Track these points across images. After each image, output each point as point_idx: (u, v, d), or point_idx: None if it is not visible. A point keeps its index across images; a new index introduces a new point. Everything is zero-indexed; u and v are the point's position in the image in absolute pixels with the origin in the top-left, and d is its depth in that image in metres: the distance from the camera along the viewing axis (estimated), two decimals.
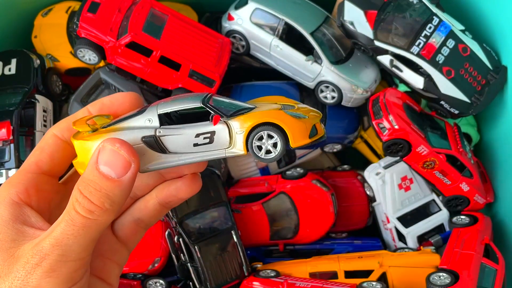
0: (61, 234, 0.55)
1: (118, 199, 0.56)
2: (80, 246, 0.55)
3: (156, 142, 0.62)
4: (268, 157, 0.65)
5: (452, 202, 1.68)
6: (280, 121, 0.63)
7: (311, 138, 0.65)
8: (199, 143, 0.63)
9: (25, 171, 0.63)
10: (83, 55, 1.63)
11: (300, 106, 0.69)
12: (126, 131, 0.62)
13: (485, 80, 1.59)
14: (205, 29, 1.68)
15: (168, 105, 0.64)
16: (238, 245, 1.53)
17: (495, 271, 1.42)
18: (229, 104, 0.66)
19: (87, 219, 0.55)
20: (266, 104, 0.69)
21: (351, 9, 1.59)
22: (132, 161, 0.56)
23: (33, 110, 1.58)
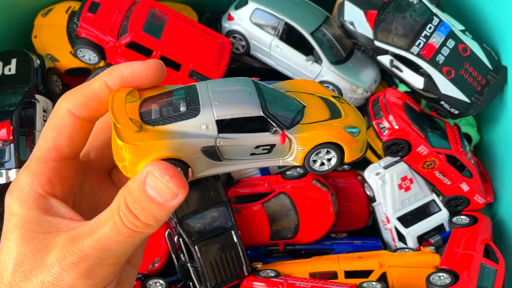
0: (105, 239, 0.54)
1: (163, 218, 0.55)
2: (121, 252, 0.55)
3: (214, 151, 0.60)
4: (321, 169, 0.67)
5: (452, 202, 1.68)
6: (342, 142, 0.64)
7: (361, 152, 0.67)
8: (257, 153, 0.62)
9: (45, 158, 0.59)
10: (83, 55, 1.63)
11: (341, 103, 0.69)
12: (185, 141, 0.58)
13: (485, 80, 1.59)
14: (205, 29, 1.68)
15: (226, 109, 0.59)
16: (238, 245, 1.53)
17: (495, 271, 1.42)
18: (278, 99, 0.64)
19: (132, 231, 0.54)
20: (313, 102, 0.67)
21: (351, 9, 1.59)
22: (180, 192, 0.53)
23: (33, 110, 1.58)
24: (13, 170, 1.45)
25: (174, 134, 0.58)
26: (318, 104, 0.67)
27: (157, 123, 0.58)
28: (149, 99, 0.61)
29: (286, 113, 0.63)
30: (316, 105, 0.67)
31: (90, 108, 0.60)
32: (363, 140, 0.67)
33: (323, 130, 0.64)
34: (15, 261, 0.55)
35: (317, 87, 0.72)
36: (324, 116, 0.66)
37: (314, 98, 0.68)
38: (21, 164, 1.47)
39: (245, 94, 0.62)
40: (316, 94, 0.69)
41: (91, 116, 0.61)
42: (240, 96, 0.61)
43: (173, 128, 0.58)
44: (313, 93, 0.69)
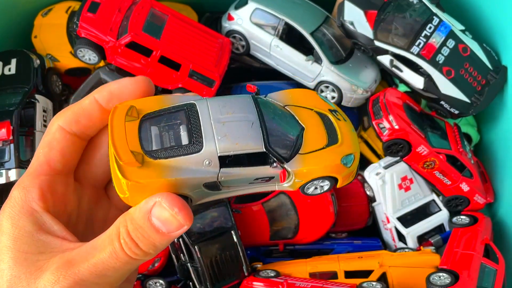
0: (102, 264, 0.54)
1: (162, 247, 0.56)
2: (117, 277, 0.56)
3: (215, 185, 0.61)
4: (313, 192, 0.69)
5: (452, 202, 1.68)
6: (338, 174, 0.66)
7: (353, 178, 0.70)
8: (255, 183, 0.64)
9: (38, 173, 0.60)
10: (83, 55, 1.63)
11: (337, 120, 0.70)
12: (186, 177, 0.58)
13: (485, 80, 1.59)
14: (205, 29, 1.68)
15: (229, 145, 0.59)
16: (238, 245, 1.53)
17: (495, 271, 1.42)
18: (277, 123, 0.64)
19: (131, 258, 0.55)
20: (310, 123, 0.67)
21: (351, 9, 1.59)
22: (186, 224, 0.55)
23: (33, 110, 1.58)
24: (13, 170, 1.45)
25: (177, 170, 0.58)
26: (316, 125, 0.68)
27: (159, 156, 0.58)
28: (148, 119, 0.61)
29: (286, 143, 0.63)
30: (314, 127, 0.67)
31: (80, 124, 0.61)
32: (356, 166, 0.68)
33: (321, 166, 0.65)
34: (9, 284, 0.55)
35: (315, 99, 0.72)
36: (321, 142, 0.67)
37: (313, 116, 0.69)
38: (21, 164, 1.47)
39: (247, 125, 0.61)
40: (314, 109, 0.70)
41: (82, 133, 0.62)
42: (243, 128, 0.61)
43: (176, 164, 0.58)
44: (311, 108, 0.70)
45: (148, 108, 0.62)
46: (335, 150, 0.66)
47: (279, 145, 0.62)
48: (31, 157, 1.51)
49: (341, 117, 0.71)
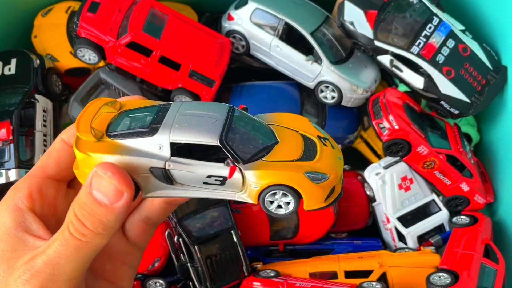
0: (54, 253, 0.54)
1: (111, 224, 0.55)
2: (72, 267, 0.55)
3: (164, 174, 0.60)
4: (278, 212, 0.63)
5: (452, 202, 1.68)
6: (298, 186, 0.60)
7: (326, 202, 0.62)
8: (210, 182, 0.61)
9: (31, 176, 0.63)
10: (83, 55, 1.63)
11: (323, 144, 0.65)
12: (133, 158, 0.58)
13: (485, 80, 1.59)
14: (205, 29, 1.68)
15: (183, 131, 0.58)
16: (238, 245, 1.53)
17: (495, 271, 1.42)
18: (248, 129, 0.62)
19: (80, 241, 0.54)
20: (288, 139, 0.64)
21: (351, 9, 1.59)
22: (124, 190, 0.54)
23: (33, 110, 1.58)
24: (13, 170, 1.45)
25: (126, 150, 0.58)
26: (295, 143, 0.64)
27: (116, 137, 0.59)
28: (126, 112, 0.63)
29: (248, 147, 0.60)
30: (291, 144, 0.64)
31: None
32: (331, 186, 0.62)
33: (278, 171, 0.60)
34: None
35: (305, 124, 0.69)
36: (293, 156, 0.62)
37: (295, 136, 0.65)
38: (21, 164, 1.47)
39: (209, 120, 0.60)
40: (300, 131, 0.66)
41: None
42: (204, 121, 0.60)
43: (128, 144, 0.59)
44: (298, 130, 0.66)
45: (132, 106, 0.64)
46: (304, 164, 0.61)
47: (238, 145, 0.59)
48: (31, 157, 1.52)
49: (328, 144, 0.67)
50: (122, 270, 0.67)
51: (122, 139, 0.59)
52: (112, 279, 0.66)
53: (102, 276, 0.66)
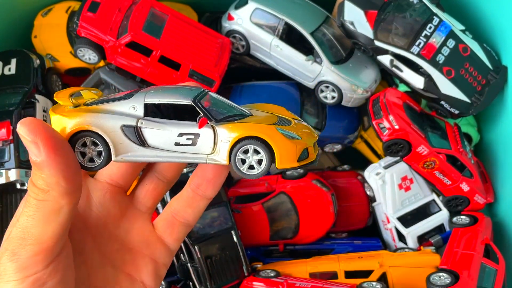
0: (21, 216, 0.55)
1: (50, 179, 0.53)
2: (39, 229, 0.54)
3: (136, 133, 0.60)
4: (250, 172, 0.61)
5: (452, 202, 1.68)
6: (269, 138, 0.59)
7: (300, 162, 0.61)
8: (181, 143, 0.60)
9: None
10: (83, 55, 1.63)
11: (298, 122, 0.66)
12: (106, 115, 0.59)
13: (485, 80, 1.59)
14: (205, 29, 1.68)
15: (157, 95, 0.60)
16: (238, 245, 1.53)
17: (495, 271, 1.42)
18: (223, 106, 0.63)
19: (37, 201, 0.54)
20: (262, 114, 0.65)
21: (351, 9, 1.59)
22: (37, 140, 0.52)
23: (33, 110, 1.57)
24: (13, 170, 1.45)
25: (99, 110, 0.60)
26: (270, 117, 0.64)
27: (93, 103, 0.61)
28: (106, 96, 0.66)
29: (222, 112, 0.61)
30: (265, 118, 0.64)
31: None
32: (303, 146, 0.61)
33: (250, 124, 0.59)
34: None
35: (281, 110, 0.69)
36: (267, 121, 0.62)
37: (270, 115, 0.66)
38: (21, 164, 1.46)
39: (185, 89, 0.62)
40: (276, 113, 0.67)
41: None
42: (179, 90, 0.62)
43: (103, 107, 0.60)
44: (274, 113, 0.67)
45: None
46: (278, 126, 0.62)
47: (212, 107, 0.60)
48: None
49: (302, 122, 0.68)
50: (142, 263, 0.66)
51: (98, 104, 0.61)
52: (131, 272, 0.65)
53: (121, 269, 0.65)
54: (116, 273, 0.65)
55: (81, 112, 0.59)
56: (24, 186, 1.48)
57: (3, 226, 1.51)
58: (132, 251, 0.67)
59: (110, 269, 0.65)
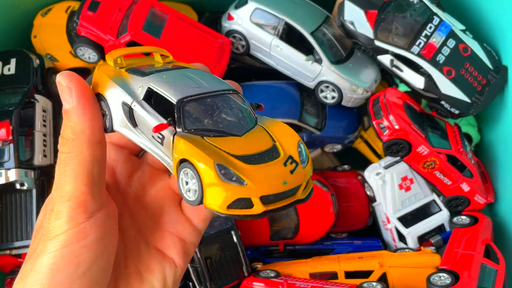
0: (56, 176, 0.59)
1: (77, 127, 0.58)
2: (70, 185, 0.58)
3: (129, 113, 0.60)
4: (185, 196, 0.56)
5: (453, 202, 1.68)
6: (201, 172, 0.52)
7: (232, 210, 0.53)
8: (155, 137, 0.60)
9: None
10: (83, 54, 1.63)
11: (292, 162, 0.56)
12: (118, 87, 0.61)
13: (486, 80, 1.58)
14: (205, 29, 1.68)
15: (162, 83, 0.59)
16: (238, 245, 1.53)
17: (496, 271, 1.42)
18: (222, 111, 0.58)
19: (65, 155, 0.58)
20: (249, 141, 0.58)
21: (351, 9, 1.59)
22: (72, 87, 0.58)
23: (32, 110, 1.57)
24: (13, 170, 1.45)
25: (122, 79, 0.62)
26: (256, 145, 0.57)
27: (126, 70, 0.64)
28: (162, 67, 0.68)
29: (201, 122, 0.56)
30: (250, 143, 0.57)
31: None
32: (239, 196, 0.52)
33: (196, 149, 0.53)
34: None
35: (291, 140, 0.60)
36: (236, 151, 0.55)
37: (266, 141, 0.59)
38: (21, 164, 1.46)
39: (193, 85, 0.59)
40: (278, 142, 0.59)
41: None
42: (187, 83, 0.59)
43: (127, 77, 0.62)
44: (276, 140, 0.59)
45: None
46: (232, 160, 0.54)
47: (193, 114, 0.56)
48: (30, 157, 1.52)
49: (297, 169, 0.57)
50: (170, 241, 0.69)
51: (127, 72, 0.63)
52: (161, 247, 0.68)
53: (154, 245, 0.68)
54: (149, 249, 0.68)
55: (110, 76, 0.62)
56: (24, 186, 1.48)
57: (2, 226, 1.51)
58: (162, 229, 0.70)
59: (144, 245, 0.68)
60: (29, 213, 1.51)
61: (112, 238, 0.61)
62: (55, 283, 0.55)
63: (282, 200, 0.54)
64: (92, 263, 0.57)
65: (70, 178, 0.58)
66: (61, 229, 0.56)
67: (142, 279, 0.66)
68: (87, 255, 0.57)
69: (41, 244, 0.57)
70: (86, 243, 0.57)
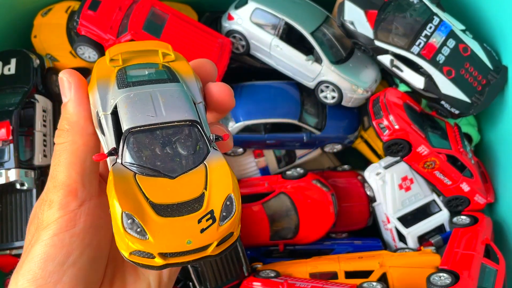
0: (51, 167, 0.61)
1: (72, 118, 0.61)
2: (63, 173, 0.60)
3: (98, 122, 0.60)
4: None
5: (453, 202, 1.68)
6: (112, 211, 0.52)
7: (132, 257, 0.52)
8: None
9: None
10: (83, 53, 1.63)
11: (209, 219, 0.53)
12: (97, 94, 0.60)
13: (486, 80, 1.58)
14: (205, 29, 1.68)
15: (126, 103, 0.57)
16: (238, 245, 1.53)
17: (496, 271, 1.42)
18: (171, 145, 0.56)
19: (59, 145, 0.61)
20: (184, 185, 0.55)
21: (351, 9, 1.59)
22: (71, 81, 0.62)
23: (32, 110, 1.57)
24: (13, 170, 1.45)
25: (105, 84, 0.61)
26: (197, 185, 0.55)
27: (117, 72, 0.63)
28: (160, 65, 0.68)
29: (144, 156, 0.55)
30: (192, 183, 0.55)
31: None
32: (138, 248, 0.51)
33: (112, 190, 0.52)
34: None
35: (225, 185, 0.56)
36: (158, 198, 0.53)
37: (198, 187, 0.55)
38: (21, 164, 1.46)
39: (150, 111, 0.57)
40: (210, 188, 0.55)
41: None
42: (147, 108, 0.57)
43: (110, 82, 0.62)
44: (209, 187, 0.55)
45: (180, 67, 0.70)
46: (145, 203, 0.52)
47: (139, 146, 0.55)
48: (30, 157, 1.52)
49: (214, 220, 0.54)
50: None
51: (115, 75, 0.62)
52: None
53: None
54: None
55: (96, 77, 0.62)
56: (24, 186, 1.48)
57: (2, 226, 1.51)
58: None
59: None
60: (29, 213, 1.51)
61: (102, 229, 0.62)
62: (46, 272, 0.56)
63: (186, 256, 0.52)
64: (81, 252, 0.58)
65: (63, 168, 0.60)
66: (53, 217, 0.58)
67: (138, 274, 0.66)
68: (76, 244, 0.58)
69: (36, 235, 0.58)
70: (76, 232, 0.58)
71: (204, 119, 0.60)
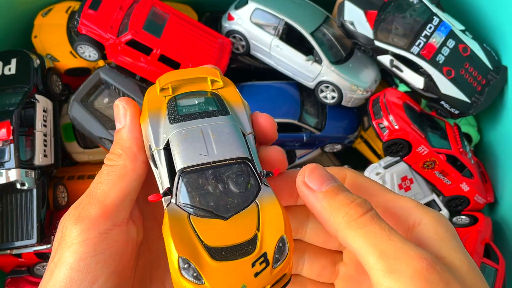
0: (92, 184, 0.60)
1: (125, 143, 0.61)
2: (101, 189, 0.58)
3: (152, 155, 0.59)
4: None
5: (452, 202, 1.68)
6: (168, 257, 0.51)
7: None
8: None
9: None
10: (83, 52, 1.63)
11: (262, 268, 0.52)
12: (149, 128, 0.58)
13: (485, 80, 1.59)
14: (206, 29, 1.68)
15: (179, 140, 0.56)
16: None
17: (496, 271, 1.42)
18: (225, 186, 0.56)
19: (108, 167, 0.60)
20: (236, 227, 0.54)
21: (351, 9, 1.59)
22: (127, 108, 0.62)
23: (33, 110, 1.58)
24: (13, 170, 1.45)
25: (157, 117, 0.60)
26: (250, 226, 0.54)
27: (168, 102, 0.62)
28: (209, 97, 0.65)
29: (200, 198, 0.54)
30: (245, 223, 0.54)
31: None
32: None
33: (168, 233, 0.52)
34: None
35: (276, 228, 0.55)
36: (214, 241, 0.52)
37: (250, 230, 0.54)
38: (21, 164, 1.46)
39: (202, 150, 0.56)
40: (262, 231, 0.55)
41: None
42: (198, 147, 0.56)
43: (162, 114, 0.60)
44: (261, 229, 0.55)
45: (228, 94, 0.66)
46: (201, 247, 0.52)
47: (194, 188, 0.54)
48: (31, 157, 1.52)
49: (268, 263, 0.54)
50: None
51: (166, 107, 0.61)
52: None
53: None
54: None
55: (148, 108, 0.61)
56: (24, 186, 1.48)
57: (3, 226, 1.51)
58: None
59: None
60: (30, 213, 1.51)
61: (126, 256, 0.60)
62: None
63: None
64: (106, 279, 0.56)
65: (106, 187, 0.58)
66: (80, 237, 0.55)
67: None
68: (102, 270, 0.55)
69: (59, 253, 0.56)
70: (102, 258, 0.56)
71: (254, 152, 0.59)
